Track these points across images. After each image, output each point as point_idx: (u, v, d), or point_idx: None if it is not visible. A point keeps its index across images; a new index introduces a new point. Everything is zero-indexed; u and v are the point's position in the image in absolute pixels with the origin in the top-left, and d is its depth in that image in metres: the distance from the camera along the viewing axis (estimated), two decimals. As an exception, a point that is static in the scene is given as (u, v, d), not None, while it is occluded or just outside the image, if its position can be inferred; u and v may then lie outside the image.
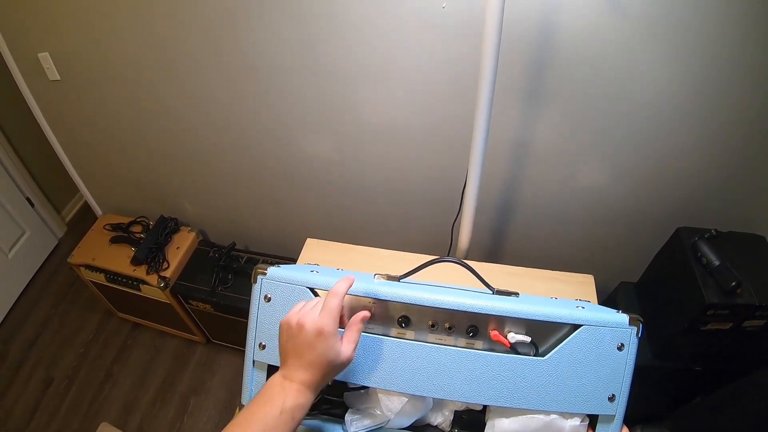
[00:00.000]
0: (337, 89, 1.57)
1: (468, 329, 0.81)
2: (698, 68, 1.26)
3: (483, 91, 1.08)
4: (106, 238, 2.22)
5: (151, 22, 1.58)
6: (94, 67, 1.79)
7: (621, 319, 0.78)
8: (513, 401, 0.77)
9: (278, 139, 1.81)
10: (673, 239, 1.48)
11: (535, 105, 1.43)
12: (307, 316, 0.72)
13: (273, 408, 0.67)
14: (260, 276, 0.86)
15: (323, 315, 0.71)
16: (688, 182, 1.53)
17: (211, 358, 2.40)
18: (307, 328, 0.70)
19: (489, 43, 1.00)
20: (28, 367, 2.44)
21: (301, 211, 2.11)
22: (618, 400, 0.77)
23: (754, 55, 1.21)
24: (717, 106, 1.33)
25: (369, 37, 1.40)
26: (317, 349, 0.70)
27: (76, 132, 2.13)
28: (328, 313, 0.71)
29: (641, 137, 1.44)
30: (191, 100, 1.79)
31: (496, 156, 1.58)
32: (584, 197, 1.66)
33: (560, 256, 1.88)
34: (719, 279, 1.31)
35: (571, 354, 0.77)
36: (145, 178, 2.24)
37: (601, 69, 1.31)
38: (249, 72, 1.62)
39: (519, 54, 1.32)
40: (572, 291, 1.26)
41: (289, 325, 0.72)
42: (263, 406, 0.68)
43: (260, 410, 0.68)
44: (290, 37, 1.48)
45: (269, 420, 0.66)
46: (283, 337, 0.74)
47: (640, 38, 1.23)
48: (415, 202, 1.86)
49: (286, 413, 0.67)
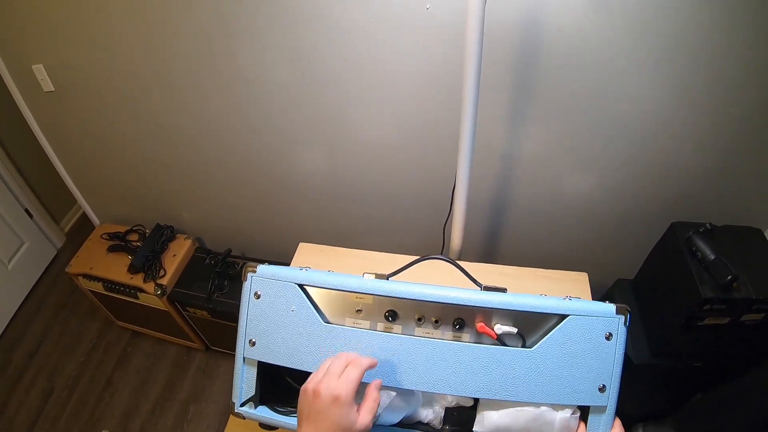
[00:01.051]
0: (328, 96, 1.58)
1: (455, 322, 0.81)
2: (686, 65, 1.26)
3: (468, 92, 1.08)
4: (104, 247, 2.23)
5: (145, 33, 1.60)
6: (88, 79, 1.81)
7: (608, 308, 0.77)
8: (501, 393, 0.77)
9: (273, 147, 1.82)
10: (667, 234, 1.47)
11: (522, 105, 1.44)
12: (322, 383, 0.71)
13: None
14: (250, 273, 0.87)
15: (341, 382, 0.71)
16: (681, 177, 1.53)
17: (211, 365, 2.40)
18: (322, 395, 0.70)
19: (472, 40, 1.00)
20: (29, 376, 2.45)
21: (296, 216, 2.12)
22: (609, 391, 0.76)
23: (742, 50, 1.22)
24: (706, 101, 1.33)
25: (356, 41, 1.41)
26: (331, 417, 0.69)
27: (72, 142, 2.14)
28: (346, 381, 0.71)
29: (632, 134, 1.44)
30: (186, 110, 1.80)
31: (485, 157, 1.58)
32: (576, 195, 1.65)
33: (555, 255, 1.88)
34: (715, 273, 1.30)
35: (559, 345, 0.76)
36: (141, 187, 2.24)
37: (589, 67, 1.31)
38: (243, 83, 1.63)
39: (504, 54, 1.33)
40: (566, 289, 1.25)
41: (306, 391, 0.73)
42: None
43: None
44: (282, 48, 1.50)
45: None
46: (300, 402, 0.74)
47: (626, 36, 1.24)
48: (407, 204, 1.87)
49: None
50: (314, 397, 0.71)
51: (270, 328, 0.84)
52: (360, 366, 0.73)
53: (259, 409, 0.88)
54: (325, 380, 0.72)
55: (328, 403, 0.69)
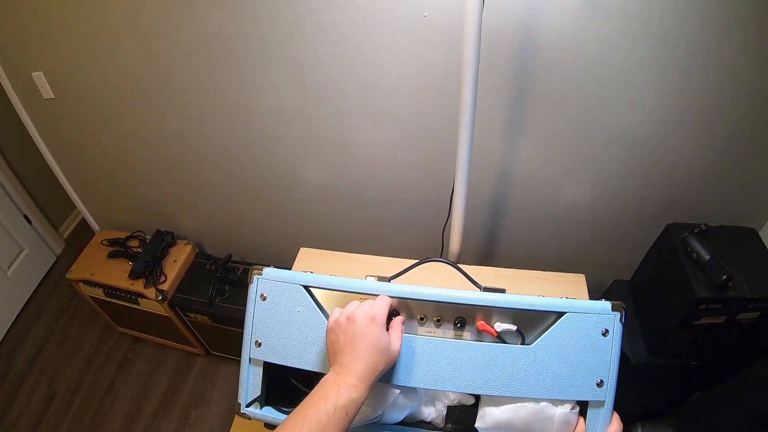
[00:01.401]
0: (327, 103, 1.59)
1: (456, 321, 0.83)
2: (681, 67, 1.28)
3: (466, 96, 1.09)
4: (104, 253, 2.23)
5: (144, 39, 1.61)
6: (88, 86, 1.81)
7: (603, 305, 0.79)
8: (502, 389, 0.78)
9: (272, 154, 1.83)
10: (663, 236, 1.49)
11: (520, 109, 1.46)
12: (357, 310, 0.75)
13: (327, 405, 0.66)
14: (256, 276, 0.89)
15: (374, 306, 0.75)
16: (677, 179, 1.54)
17: (211, 370, 2.41)
18: (358, 318, 0.73)
19: (469, 47, 1.02)
20: (31, 382, 2.45)
21: (296, 221, 2.13)
22: (607, 386, 0.78)
23: (737, 51, 1.23)
24: (702, 103, 1.35)
25: (355, 46, 1.43)
26: (371, 337, 0.72)
27: (71, 149, 2.15)
28: (379, 305, 0.76)
29: (629, 136, 1.46)
30: (186, 116, 1.80)
31: (484, 160, 1.60)
32: (574, 197, 1.67)
33: (552, 257, 1.90)
34: (710, 273, 1.31)
35: (557, 341, 0.78)
36: (141, 193, 2.25)
37: (585, 70, 1.33)
38: (243, 90, 1.65)
39: (502, 59, 1.34)
40: (563, 291, 1.27)
41: (339, 323, 0.75)
42: (316, 404, 0.67)
43: (313, 409, 0.66)
44: (281, 56, 1.51)
45: (323, 417, 0.65)
46: (331, 338, 0.75)
47: (622, 39, 1.25)
48: (407, 208, 1.88)
49: (340, 410, 0.66)
50: (349, 322, 0.74)
51: (276, 329, 0.85)
52: (385, 298, 0.79)
53: (264, 409, 0.89)
54: (358, 308, 0.75)
55: (365, 325, 0.73)
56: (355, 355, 0.72)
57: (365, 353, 0.71)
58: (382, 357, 0.73)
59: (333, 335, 0.75)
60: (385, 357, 0.73)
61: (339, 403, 0.67)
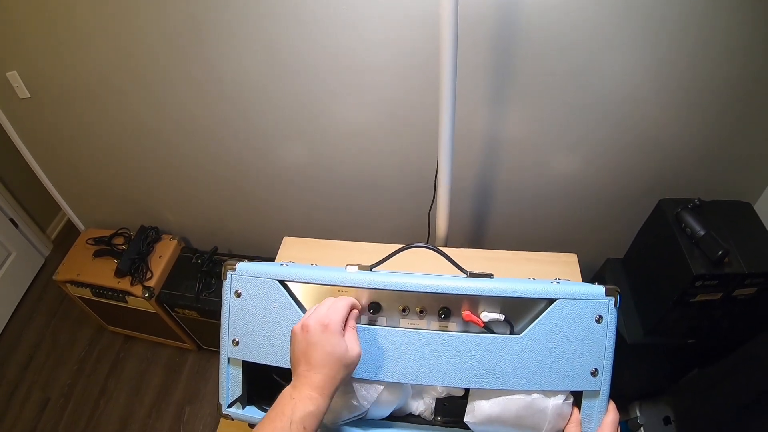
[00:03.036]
0: (304, 88, 1.56)
1: (440, 311, 0.79)
2: (669, 41, 1.25)
3: (445, 75, 1.06)
4: (90, 252, 2.19)
5: (118, 37, 1.57)
6: (63, 84, 1.77)
7: (597, 290, 0.75)
8: (491, 382, 0.75)
9: (251, 143, 1.80)
10: (656, 212, 1.46)
11: (503, 87, 1.42)
12: (310, 318, 0.71)
13: (282, 420, 0.64)
14: (230, 272, 0.86)
15: (327, 312, 0.71)
16: (668, 154, 1.52)
17: (203, 365, 2.39)
18: (311, 326, 0.70)
19: (447, 20, 0.99)
20: (24, 387, 2.42)
21: (281, 211, 2.10)
22: (601, 374, 0.75)
23: (727, 23, 1.20)
24: (690, 77, 1.32)
25: (332, 31, 1.39)
26: (324, 346, 0.69)
27: (51, 149, 2.11)
28: (333, 310, 0.72)
29: (617, 112, 1.43)
30: (162, 111, 1.77)
31: (468, 140, 1.57)
32: (562, 176, 1.64)
33: (544, 237, 1.87)
34: (705, 249, 1.29)
35: (548, 330, 0.74)
36: (124, 190, 2.21)
37: (570, 47, 1.30)
38: (217, 81, 1.61)
39: (482, 37, 1.30)
40: (555, 271, 1.23)
41: (295, 332, 0.72)
42: (273, 420, 0.65)
43: (270, 425, 0.65)
44: (255, 42, 1.47)
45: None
46: (291, 347, 0.73)
47: (605, 12, 1.22)
48: (391, 193, 1.85)
49: (296, 423, 0.64)
50: (303, 332, 0.70)
51: (252, 327, 0.82)
52: (344, 299, 0.75)
53: (247, 409, 0.87)
54: (312, 315, 0.72)
55: (318, 334, 0.69)
56: (310, 365, 0.69)
57: (320, 363, 0.68)
58: (339, 365, 0.69)
59: (292, 344, 0.73)
60: (344, 365, 0.69)
61: (295, 418, 0.64)
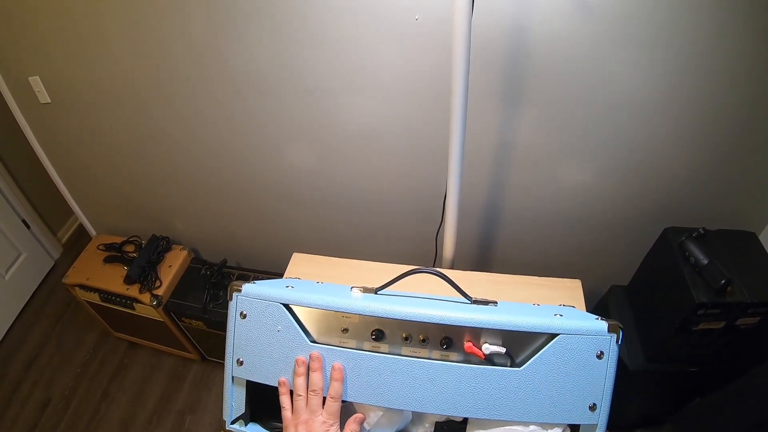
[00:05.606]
0: (318, 104, 1.57)
1: (442, 341, 0.80)
2: (674, 66, 1.26)
3: (456, 98, 1.07)
4: (100, 258, 2.22)
5: (139, 45, 1.59)
6: (84, 90, 1.80)
7: (599, 326, 0.76)
8: (490, 413, 0.76)
9: (265, 156, 1.82)
10: (660, 240, 1.47)
11: (513, 110, 1.43)
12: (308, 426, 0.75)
13: None
14: (235, 293, 0.86)
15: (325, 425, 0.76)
16: (674, 181, 1.52)
17: (206, 376, 2.40)
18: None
19: (459, 46, 1.00)
20: (26, 387, 2.44)
21: (290, 226, 2.11)
22: (600, 409, 0.75)
23: (729, 50, 1.21)
24: (695, 103, 1.32)
25: (347, 51, 1.41)
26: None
27: (68, 154, 2.14)
28: (329, 415, 0.76)
29: (621, 138, 1.43)
30: (181, 121, 1.79)
31: (477, 163, 1.58)
32: (568, 201, 1.65)
33: (549, 262, 1.87)
34: (708, 278, 1.29)
35: (548, 364, 0.75)
36: (137, 197, 2.24)
37: (576, 71, 1.31)
38: (236, 93, 1.63)
39: (493, 60, 1.32)
40: (559, 297, 1.23)
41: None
42: None
43: None
44: (272, 56, 1.49)
45: None
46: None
47: (612, 39, 1.23)
48: (400, 213, 1.86)
49: None
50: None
51: (256, 348, 0.84)
52: (337, 398, 0.78)
53: (249, 426, 0.88)
54: (309, 422, 0.76)
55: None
56: None
57: None
58: None
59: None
60: None
61: None
